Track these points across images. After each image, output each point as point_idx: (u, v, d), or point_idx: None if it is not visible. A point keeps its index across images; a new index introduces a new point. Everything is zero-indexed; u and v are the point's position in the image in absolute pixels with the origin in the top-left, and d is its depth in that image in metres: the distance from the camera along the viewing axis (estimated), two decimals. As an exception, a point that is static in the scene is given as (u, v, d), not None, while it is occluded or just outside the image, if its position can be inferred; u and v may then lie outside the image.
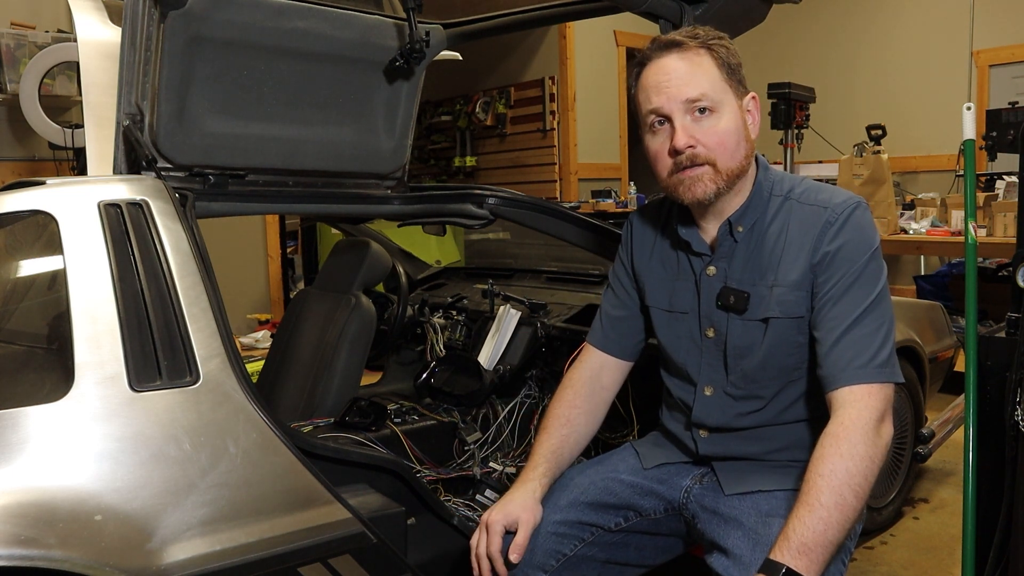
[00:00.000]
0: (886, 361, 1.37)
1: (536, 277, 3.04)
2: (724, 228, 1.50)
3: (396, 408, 2.46)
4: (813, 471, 1.31)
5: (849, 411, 1.34)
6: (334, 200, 2.26)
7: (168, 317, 1.49)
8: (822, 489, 1.28)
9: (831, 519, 1.26)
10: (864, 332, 1.37)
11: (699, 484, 1.58)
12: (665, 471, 1.62)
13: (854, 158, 4.93)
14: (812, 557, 1.25)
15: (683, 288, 1.57)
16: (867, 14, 6.83)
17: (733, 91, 1.44)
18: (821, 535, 1.26)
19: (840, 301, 1.40)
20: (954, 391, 2.81)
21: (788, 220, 1.47)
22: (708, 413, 1.55)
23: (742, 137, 1.45)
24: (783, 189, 1.50)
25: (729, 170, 1.44)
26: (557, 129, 6.94)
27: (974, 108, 1.89)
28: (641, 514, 1.59)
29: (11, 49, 4.02)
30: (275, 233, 5.36)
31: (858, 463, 1.29)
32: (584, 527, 1.55)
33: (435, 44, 2.27)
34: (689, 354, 1.58)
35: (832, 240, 1.41)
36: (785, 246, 1.45)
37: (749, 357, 1.49)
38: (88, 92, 1.98)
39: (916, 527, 2.79)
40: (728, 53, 1.44)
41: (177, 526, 1.38)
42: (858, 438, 1.31)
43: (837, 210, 1.43)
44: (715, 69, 1.43)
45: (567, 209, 2.41)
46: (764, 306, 1.46)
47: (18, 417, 1.34)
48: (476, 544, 1.50)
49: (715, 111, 1.42)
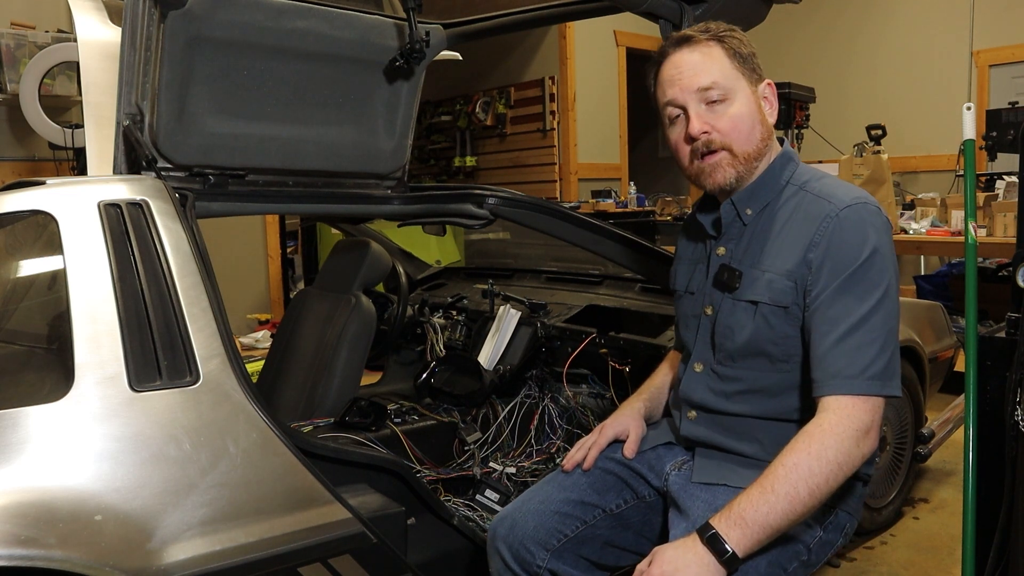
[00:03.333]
0: (880, 373, 1.34)
1: (536, 277, 3.05)
2: (729, 210, 1.52)
3: (396, 408, 2.46)
4: (777, 460, 1.32)
5: (830, 416, 1.33)
6: (334, 200, 2.26)
7: (168, 317, 1.49)
8: (779, 477, 1.29)
9: (777, 506, 1.28)
10: (860, 341, 1.34)
11: (677, 470, 1.60)
12: (655, 456, 1.65)
13: (854, 158, 4.93)
14: (746, 532, 1.27)
15: (700, 271, 1.60)
16: (867, 13, 6.83)
17: (746, 78, 1.47)
18: (763, 516, 1.28)
19: (834, 304, 1.37)
20: (954, 391, 2.81)
21: (796, 210, 1.47)
22: (693, 389, 1.57)
23: (756, 121, 1.47)
24: (800, 180, 1.50)
25: (746, 153, 1.47)
26: (557, 129, 6.94)
27: (974, 108, 1.89)
28: (638, 496, 1.63)
29: (11, 49, 4.02)
30: (275, 233, 5.36)
31: (823, 466, 1.30)
32: (587, 508, 1.59)
33: (435, 44, 2.27)
34: (689, 330, 1.61)
35: (828, 236, 1.39)
36: (785, 234, 1.46)
37: (732, 337, 1.50)
38: (88, 92, 1.97)
39: (916, 527, 2.79)
40: (739, 43, 1.48)
41: (177, 526, 1.38)
42: (831, 443, 1.31)
43: (840, 205, 1.41)
44: (725, 59, 1.46)
45: (567, 209, 2.41)
46: (753, 289, 1.47)
47: (18, 417, 1.34)
48: (585, 440, 1.68)
49: (727, 98, 1.45)
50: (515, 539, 1.56)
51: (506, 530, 1.58)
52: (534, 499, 1.61)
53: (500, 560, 1.58)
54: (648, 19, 1.99)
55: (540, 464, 2.33)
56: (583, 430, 2.42)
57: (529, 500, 1.61)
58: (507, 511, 1.62)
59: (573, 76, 6.88)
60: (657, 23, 1.99)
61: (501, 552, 1.57)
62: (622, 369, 2.38)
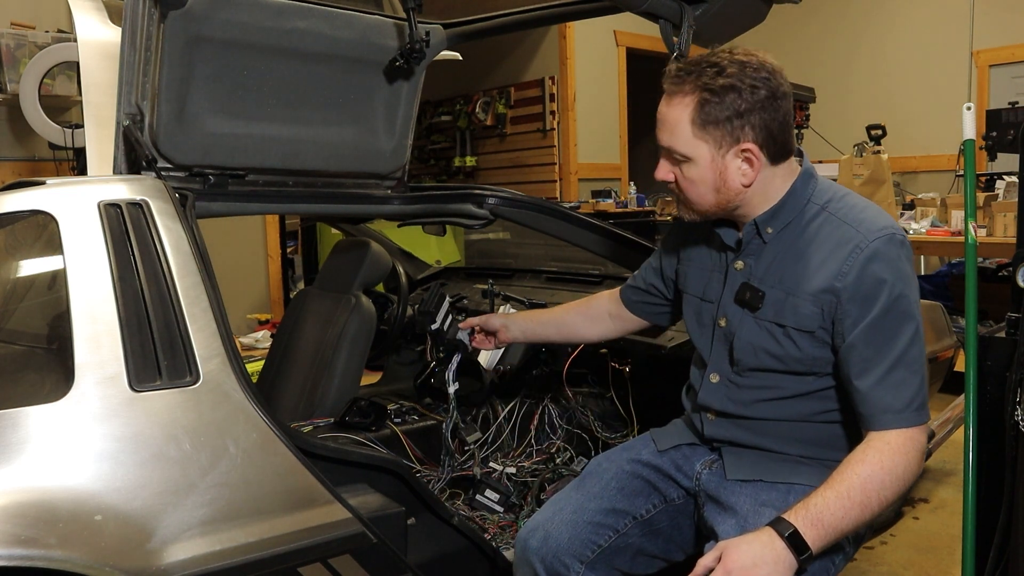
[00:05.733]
0: (922, 404, 1.39)
1: (536, 277, 3.05)
2: (751, 228, 1.51)
3: (396, 408, 2.46)
4: (850, 468, 1.34)
5: (895, 438, 1.37)
6: (334, 200, 2.26)
7: (168, 317, 1.49)
8: (855, 485, 1.32)
9: (852, 512, 1.31)
10: (901, 377, 1.37)
11: (708, 469, 1.60)
12: (680, 455, 1.65)
13: (854, 158, 4.93)
14: (820, 534, 1.29)
15: (716, 279, 1.60)
16: (867, 13, 6.83)
17: (710, 143, 1.42)
18: (839, 520, 1.30)
19: (870, 343, 1.38)
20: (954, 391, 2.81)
21: (819, 232, 1.45)
22: (712, 398, 1.58)
23: (711, 188, 1.46)
24: (822, 199, 1.48)
25: (701, 210, 1.50)
26: (557, 129, 6.94)
27: (974, 108, 1.89)
28: (667, 500, 1.63)
29: (11, 49, 4.02)
30: (275, 233, 5.36)
31: (893, 481, 1.34)
32: (618, 516, 1.58)
33: (435, 44, 2.27)
34: (704, 340, 1.61)
35: (857, 268, 1.38)
36: (810, 257, 1.44)
37: (754, 354, 1.50)
38: (88, 92, 1.97)
39: (916, 527, 2.79)
40: (716, 105, 1.39)
41: (177, 526, 1.38)
42: (901, 461, 1.35)
43: (868, 237, 1.39)
44: (688, 125, 1.42)
45: (567, 209, 2.41)
46: (777, 311, 1.46)
47: (18, 417, 1.34)
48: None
49: (687, 160, 1.46)
50: (549, 552, 1.54)
51: (539, 542, 1.56)
52: (566, 509, 1.59)
53: (532, 573, 1.56)
54: (648, 19, 1.99)
55: (540, 464, 2.33)
56: (583, 430, 2.42)
57: (560, 510, 1.60)
58: (538, 522, 1.60)
59: (573, 76, 6.88)
60: (657, 23, 1.98)
61: (534, 565, 1.56)
62: (622, 369, 2.38)
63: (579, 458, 2.38)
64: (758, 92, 1.39)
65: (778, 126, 1.42)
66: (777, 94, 1.41)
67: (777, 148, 1.44)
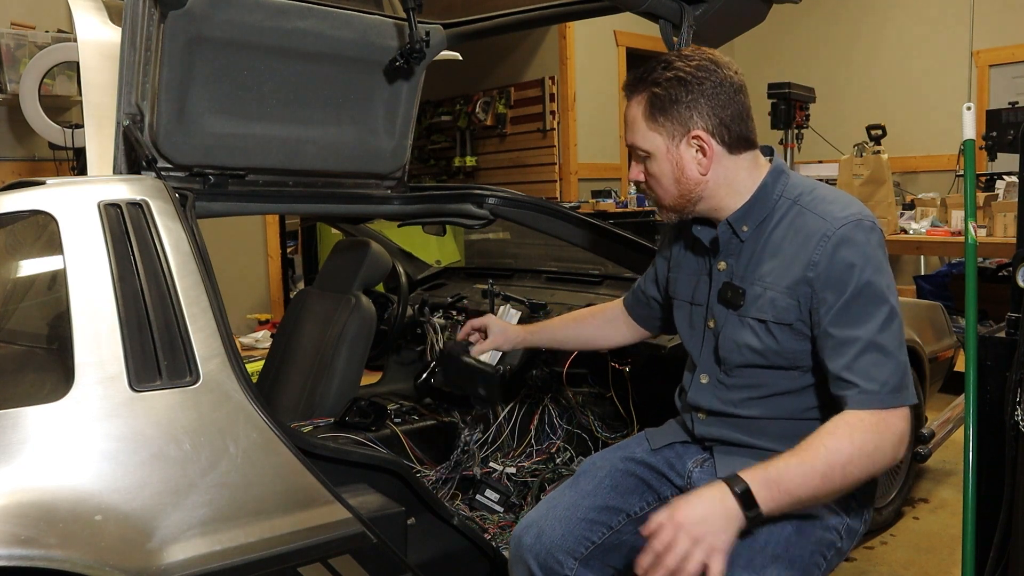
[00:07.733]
0: (897, 388, 1.36)
1: (536, 277, 3.05)
2: (726, 228, 1.53)
3: (396, 408, 2.46)
4: (818, 439, 1.33)
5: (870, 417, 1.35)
6: (334, 200, 2.26)
7: (168, 317, 1.49)
8: (819, 456, 1.30)
9: (812, 481, 1.30)
10: (873, 359, 1.36)
11: (700, 468, 1.62)
12: (673, 453, 1.67)
13: (854, 158, 4.93)
14: (775, 496, 1.28)
15: (704, 282, 1.62)
16: (867, 13, 6.82)
17: (664, 134, 1.48)
18: (796, 487, 1.29)
19: (842, 328, 1.38)
20: (954, 391, 2.81)
21: (792, 226, 1.47)
22: (702, 398, 1.60)
23: (673, 179, 1.50)
24: (793, 193, 1.50)
25: (670, 204, 1.54)
26: (557, 129, 6.94)
27: (974, 108, 1.89)
28: (660, 498, 1.64)
29: (11, 49, 4.02)
30: (275, 233, 5.36)
31: (862, 458, 1.32)
32: (612, 513, 1.59)
33: (435, 44, 2.27)
34: (695, 342, 1.63)
35: (826, 256, 1.40)
36: (784, 251, 1.46)
37: (738, 351, 1.51)
38: (88, 92, 1.97)
39: (916, 527, 2.79)
40: (663, 97, 1.46)
41: (177, 526, 1.38)
42: (872, 439, 1.33)
43: (835, 224, 1.41)
44: (642, 119, 1.49)
45: (567, 209, 2.41)
46: (757, 306, 1.48)
47: (18, 417, 1.34)
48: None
49: (649, 156, 1.52)
50: (543, 548, 1.55)
51: (532, 539, 1.56)
52: (559, 506, 1.60)
53: (526, 570, 1.57)
54: (648, 19, 1.99)
55: (540, 464, 2.33)
56: (583, 430, 2.42)
57: (554, 507, 1.60)
58: (532, 519, 1.61)
59: (573, 76, 6.88)
60: (657, 23, 1.99)
61: (528, 562, 1.56)
62: (622, 369, 2.38)
63: (579, 458, 2.38)
64: (703, 82, 1.45)
65: (730, 115, 1.46)
66: (724, 83, 1.46)
67: (732, 137, 1.47)
